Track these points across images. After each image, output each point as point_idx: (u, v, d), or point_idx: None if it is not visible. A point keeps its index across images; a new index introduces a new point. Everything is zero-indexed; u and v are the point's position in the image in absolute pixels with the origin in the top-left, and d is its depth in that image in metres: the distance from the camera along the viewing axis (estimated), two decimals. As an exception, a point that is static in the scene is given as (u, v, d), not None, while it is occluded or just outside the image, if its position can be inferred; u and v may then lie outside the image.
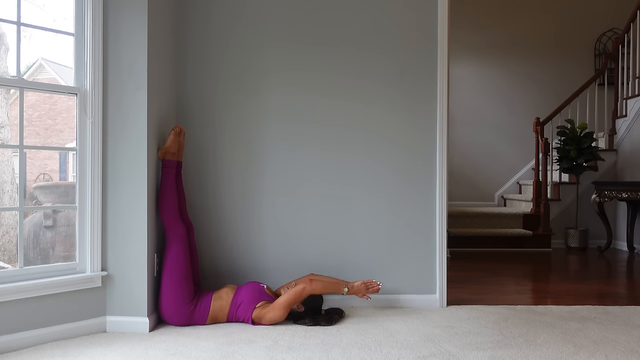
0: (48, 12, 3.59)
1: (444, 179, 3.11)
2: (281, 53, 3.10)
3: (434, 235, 3.10)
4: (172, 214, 2.70)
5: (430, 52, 3.10)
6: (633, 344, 2.41)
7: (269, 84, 3.09)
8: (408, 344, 2.40)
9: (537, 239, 5.64)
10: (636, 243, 5.57)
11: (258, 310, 2.66)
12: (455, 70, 6.76)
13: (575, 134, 5.57)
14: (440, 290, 3.08)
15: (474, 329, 2.64)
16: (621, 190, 5.13)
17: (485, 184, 6.96)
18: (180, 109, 3.08)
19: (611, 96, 6.49)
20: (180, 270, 2.64)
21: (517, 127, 6.89)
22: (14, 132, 4.15)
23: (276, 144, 3.10)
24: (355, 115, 3.10)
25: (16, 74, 2.47)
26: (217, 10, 3.08)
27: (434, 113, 3.10)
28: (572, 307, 3.08)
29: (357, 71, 3.10)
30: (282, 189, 3.09)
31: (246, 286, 2.75)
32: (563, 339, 2.49)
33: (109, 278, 2.61)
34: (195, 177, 3.08)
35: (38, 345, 2.36)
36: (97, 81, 2.57)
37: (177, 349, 2.32)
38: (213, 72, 3.09)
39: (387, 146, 3.10)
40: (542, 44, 6.88)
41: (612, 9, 6.86)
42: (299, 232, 3.08)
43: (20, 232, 2.44)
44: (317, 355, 2.26)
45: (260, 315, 2.65)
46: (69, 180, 7.39)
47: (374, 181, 3.10)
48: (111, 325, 2.59)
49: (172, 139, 2.76)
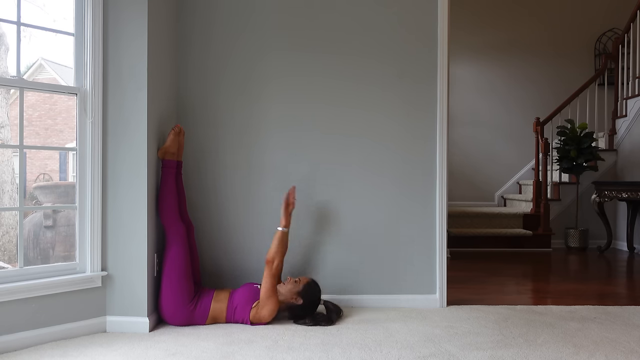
0: (48, 12, 3.59)
1: (444, 179, 3.10)
2: (281, 57, 3.09)
3: (434, 235, 3.10)
4: (172, 214, 2.70)
5: (430, 55, 3.09)
6: (633, 344, 2.41)
7: (270, 83, 3.09)
8: (408, 344, 2.40)
9: (537, 239, 5.64)
10: (636, 243, 5.57)
11: (254, 310, 2.65)
12: (455, 71, 6.76)
13: (575, 134, 5.57)
14: (440, 290, 3.08)
15: (474, 329, 2.64)
16: (621, 190, 5.13)
17: (485, 183, 6.96)
18: (181, 108, 3.08)
19: (611, 96, 6.48)
20: (180, 270, 2.64)
21: (517, 127, 6.89)
22: (14, 132, 4.15)
23: (277, 143, 3.10)
24: (356, 120, 3.10)
25: (16, 74, 2.47)
26: (218, 11, 3.08)
27: (433, 117, 3.10)
28: (572, 307, 3.08)
29: (358, 76, 3.09)
30: (283, 190, 3.09)
31: (240, 289, 2.75)
32: (563, 339, 2.49)
33: (109, 278, 2.61)
34: (196, 177, 3.08)
35: (38, 345, 2.36)
36: (97, 81, 2.57)
37: (177, 349, 2.32)
38: (213, 72, 3.09)
39: (387, 149, 3.10)
40: (542, 44, 6.88)
41: (612, 9, 6.85)
42: (299, 232, 3.08)
43: (20, 232, 2.44)
44: (317, 355, 2.26)
45: (257, 314, 2.65)
46: (69, 180, 7.39)
47: (375, 183, 3.10)
48: (111, 325, 2.59)
49: (172, 138, 2.76)
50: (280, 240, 2.76)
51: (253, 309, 2.66)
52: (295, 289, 2.71)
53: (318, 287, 2.78)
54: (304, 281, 2.75)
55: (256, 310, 2.65)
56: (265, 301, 2.65)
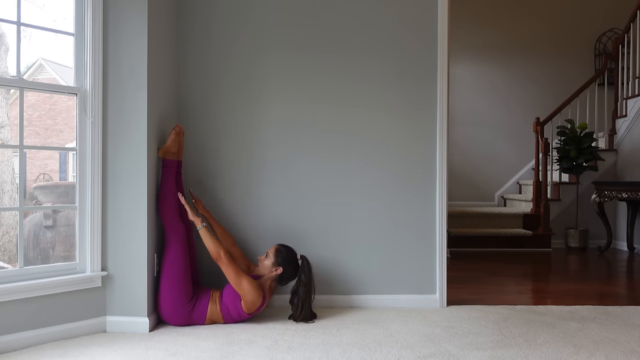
0: (48, 12, 3.59)
1: (444, 179, 3.11)
2: (281, 57, 3.09)
3: (434, 235, 3.10)
4: (172, 214, 2.70)
5: (430, 55, 3.09)
6: (633, 344, 2.41)
7: (270, 84, 3.09)
8: (408, 344, 2.40)
9: (537, 239, 5.64)
10: (636, 243, 5.56)
11: (243, 301, 2.64)
12: (455, 70, 6.76)
13: (575, 134, 5.57)
14: (440, 290, 3.08)
15: (474, 329, 2.64)
16: (621, 190, 5.13)
17: (485, 183, 6.96)
18: (181, 108, 3.08)
19: (611, 96, 6.48)
20: (179, 270, 2.64)
21: (517, 127, 6.89)
22: (14, 132, 4.15)
23: (277, 144, 3.10)
24: (356, 120, 3.10)
25: (16, 74, 2.47)
26: (218, 11, 3.08)
27: (433, 117, 3.10)
28: (572, 307, 3.08)
29: (358, 75, 3.09)
30: (283, 190, 3.09)
31: (225, 288, 2.71)
32: (563, 339, 2.49)
33: (109, 278, 2.61)
34: (196, 177, 3.08)
35: (38, 345, 2.36)
36: (97, 81, 2.57)
37: (177, 349, 2.32)
38: (214, 72, 3.09)
39: (387, 148, 3.10)
40: (542, 44, 6.88)
41: (612, 9, 6.85)
42: (299, 232, 3.08)
43: (20, 232, 2.44)
44: (317, 355, 2.26)
45: (245, 303, 2.63)
46: (69, 180, 7.38)
47: (374, 184, 3.10)
48: (111, 325, 2.59)
49: (173, 138, 2.76)
50: (207, 237, 2.67)
51: (242, 302, 2.64)
52: (270, 262, 2.76)
53: (288, 248, 2.82)
54: (272, 251, 2.78)
55: (244, 301, 2.64)
56: (240, 288, 2.61)
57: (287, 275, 2.78)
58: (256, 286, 2.64)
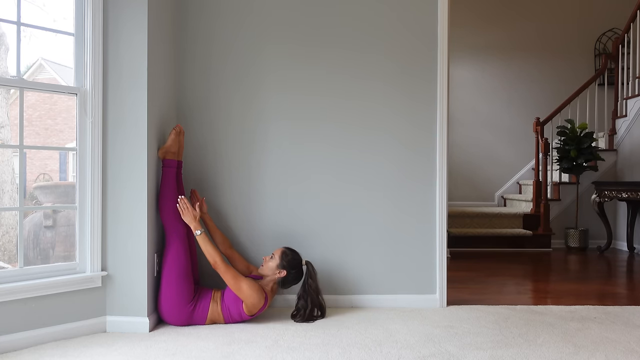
0: (48, 12, 3.59)
1: (444, 179, 3.11)
2: (281, 56, 3.10)
3: (434, 235, 3.10)
4: (172, 214, 2.70)
5: (430, 54, 3.09)
6: (633, 344, 2.41)
7: (269, 84, 3.10)
8: (408, 344, 2.40)
9: (537, 239, 5.64)
10: (636, 243, 5.56)
11: (245, 305, 2.65)
12: (455, 71, 6.76)
13: (575, 134, 5.57)
14: (440, 290, 3.08)
15: (474, 329, 2.64)
16: (621, 190, 5.13)
17: (485, 183, 6.96)
18: (181, 107, 3.08)
19: (611, 96, 6.48)
20: (180, 270, 2.64)
21: (517, 127, 6.89)
22: (14, 132, 4.15)
23: (277, 144, 3.10)
24: (356, 116, 3.10)
25: (16, 74, 2.47)
26: (218, 11, 3.08)
27: (433, 112, 3.10)
28: (572, 307, 3.08)
29: (358, 72, 3.10)
30: (283, 189, 3.09)
31: (227, 288, 2.70)
32: (563, 339, 2.49)
33: (109, 278, 2.61)
34: (197, 177, 3.08)
35: (38, 345, 2.36)
36: (97, 81, 2.57)
37: (177, 349, 2.32)
38: (214, 72, 3.09)
39: (386, 148, 3.10)
40: (542, 44, 6.88)
41: (612, 9, 6.85)
42: (299, 232, 3.08)
43: (20, 232, 2.44)
44: (317, 355, 2.26)
45: (246, 306, 2.63)
46: (69, 180, 7.37)
47: (374, 182, 3.10)
48: (111, 325, 2.59)
49: (173, 138, 2.76)
50: (205, 244, 2.67)
51: (243, 304, 2.64)
52: (275, 264, 2.75)
53: (294, 252, 2.81)
54: (278, 254, 2.77)
55: (245, 304, 2.64)
56: (241, 292, 2.61)
57: (290, 279, 2.78)
58: (257, 288, 2.64)
